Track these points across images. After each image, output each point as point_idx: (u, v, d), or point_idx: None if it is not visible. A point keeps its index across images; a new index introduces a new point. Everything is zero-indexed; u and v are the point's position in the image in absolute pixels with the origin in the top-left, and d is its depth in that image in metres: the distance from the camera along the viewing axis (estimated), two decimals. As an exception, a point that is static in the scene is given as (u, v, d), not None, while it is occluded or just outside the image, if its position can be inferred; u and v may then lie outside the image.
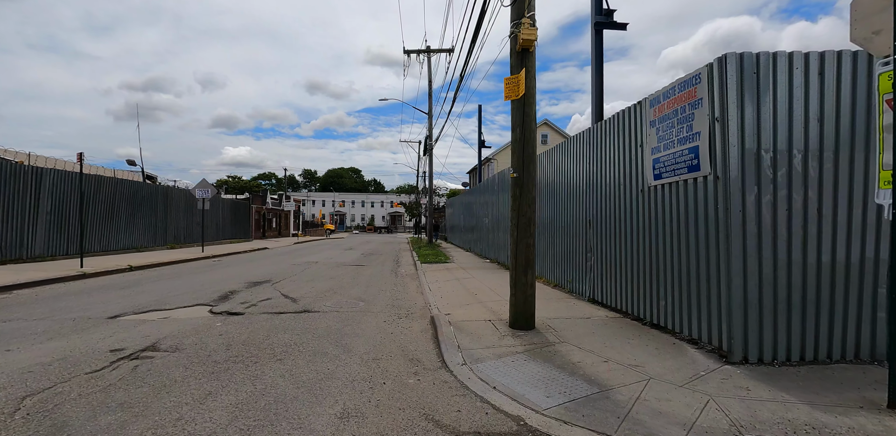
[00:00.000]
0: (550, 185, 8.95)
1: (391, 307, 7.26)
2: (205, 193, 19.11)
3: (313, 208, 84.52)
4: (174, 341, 5.00)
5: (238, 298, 7.93)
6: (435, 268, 12.83)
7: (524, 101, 5.23)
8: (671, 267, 4.97)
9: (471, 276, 10.71)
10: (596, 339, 4.87)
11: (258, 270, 12.76)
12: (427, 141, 24.64)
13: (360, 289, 9.22)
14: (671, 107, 4.90)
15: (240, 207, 30.12)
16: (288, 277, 11.15)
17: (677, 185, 4.84)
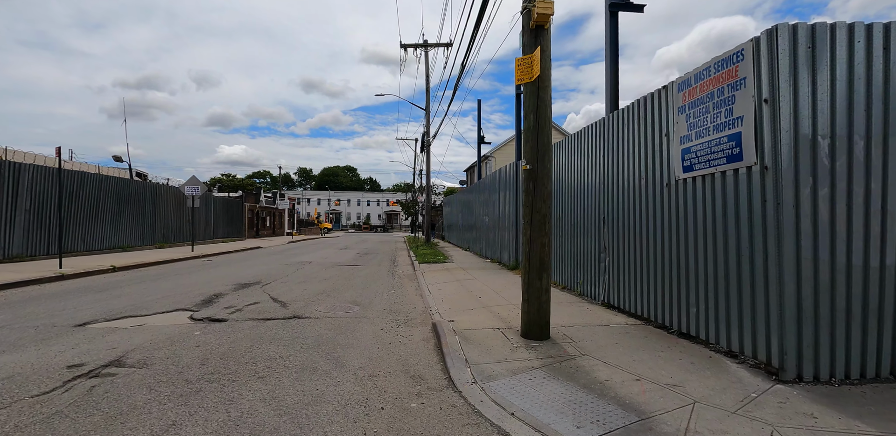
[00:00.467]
0: (557, 181, 8.40)
1: (389, 312, 6.69)
2: (194, 191, 18.45)
3: (308, 207, 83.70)
4: (143, 355, 4.42)
5: (223, 302, 7.33)
6: (434, 268, 12.27)
7: (538, 84, 4.67)
8: (704, 270, 4.43)
9: (472, 277, 10.16)
10: (621, 351, 4.33)
11: (248, 270, 12.16)
12: (424, 137, 24.05)
13: (356, 291, 8.64)
14: (705, 90, 4.35)
15: (232, 205, 29.43)
16: (279, 278, 10.56)
17: (713, 177, 4.29)
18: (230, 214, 29.08)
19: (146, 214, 19.34)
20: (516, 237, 11.47)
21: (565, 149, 8.01)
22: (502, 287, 8.45)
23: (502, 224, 12.83)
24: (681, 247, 4.79)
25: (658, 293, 5.21)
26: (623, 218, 6.05)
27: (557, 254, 8.49)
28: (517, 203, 11.41)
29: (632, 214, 5.82)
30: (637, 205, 5.68)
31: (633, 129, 5.73)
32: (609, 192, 6.44)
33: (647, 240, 5.46)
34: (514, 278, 9.66)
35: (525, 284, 4.82)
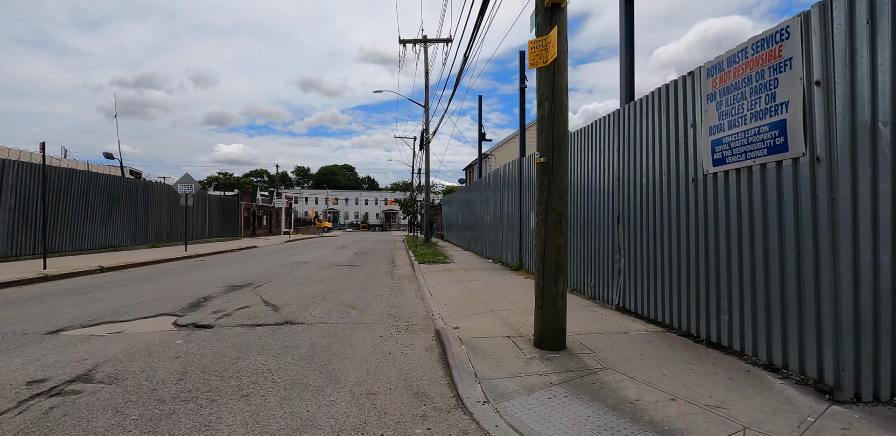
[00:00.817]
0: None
1: (388, 317, 6.26)
2: (187, 189, 17.97)
3: (306, 206, 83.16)
4: (115, 368, 3.97)
5: (211, 305, 6.88)
6: (434, 269, 11.83)
7: (554, 68, 4.23)
8: (738, 274, 4.00)
9: (474, 278, 9.72)
10: (647, 364, 3.90)
11: (242, 271, 11.70)
12: (423, 135, 23.59)
13: (353, 294, 8.20)
14: (741, 73, 3.92)
15: (228, 204, 28.93)
16: (273, 279, 10.10)
17: (750, 171, 3.86)
18: (226, 213, 28.59)
19: (138, 213, 18.84)
20: (520, 237, 11.05)
21: (574, 143, 7.58)
22: (507, 289, 8.01)
23: (505, 223, 12.40)
24: (710, 248, 4.37)
25: (682, 298, 4.78)
26: (640, 217, 5.62)
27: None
28: (521, 202, 10.99)
29: (650, 213, 5.39)
30: (657, 202, 5.26)
31: (653, 120, 5.30)
32: (624, 189, 6.01)
33: (668, 240, 5.04)
34: (518, 280, 9.23)
35: (539, 289, 4.38)
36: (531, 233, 10.23)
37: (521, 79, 11.15)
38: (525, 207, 10.66)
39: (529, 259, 10.35)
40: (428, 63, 22.84)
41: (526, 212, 10.57)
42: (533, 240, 10.10)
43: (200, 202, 24.68)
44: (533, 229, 10.09)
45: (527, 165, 10.64)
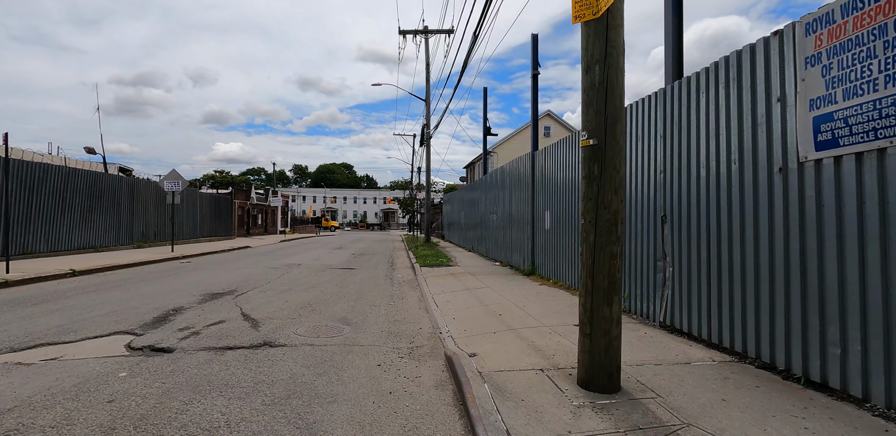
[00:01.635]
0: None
1: (388, 336, 5.24)
2: (174, 186, 16.92)
3: (304, 204, 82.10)
4: (21, 419, 2.94)
5: (180, 320, 5.86)
6: (437, 273, 10.82)
7: (607, 21, 3.21)
8: (860, 294, 2.99)
9: (484, 284, 8.71)
10: (739, 416, 2.88)
11: (227, 275, 10.67)
12: (424, 130, 22.56)
13: (347, 304, 7.18)
14: (862, 26, 2.91)
15: (221, 202, 27.87)
16: (259, 285, 9.08)
17: (882, 154, 2.85)
18: (218, 212, 27.53)
19: (122, 212, 17.79)
20: (532, 238, 10.03)
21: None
22: (523, 299, 7.00)
23: (514, 223, 11.39)
24: (808, 258, 3.35)
25: (761, 320, 3.77)
26: (694, 216, 4.61)
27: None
28: (533, 200, 9.98)
29: (710, 211, 4.38)
30: (720, 198, 4.25)
31: (715, 97, 4.28)
32: (671, 183, 5.00)
33: (737, 245, 4.03)
34: (533, 287, 8.22)
35: (586, 312, 3.36)
36: (545, 234, 9.22)
37: (533, 64, 10.13)
38: (538, 205, 9.65)
39: (543, 263, 9.34)
40: (429, 55, 21.80)
41: (539, 211, 9.56)
42: (546, 242, 9.10)
43: (191, 200, 23.63)
44: (547, 230, 9.09)
45: (540, 161, 9.63)
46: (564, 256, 8.14)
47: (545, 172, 9.25)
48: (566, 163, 8.04)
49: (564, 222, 8.12)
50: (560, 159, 8.30)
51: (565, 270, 8.08)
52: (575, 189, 7.60)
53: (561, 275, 8.33)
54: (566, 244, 8.05)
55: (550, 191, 8.93)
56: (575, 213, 7.65)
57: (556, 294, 7.41)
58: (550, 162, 8.92)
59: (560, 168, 8.33)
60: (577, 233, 7.54)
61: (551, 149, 8.82)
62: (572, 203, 7.75)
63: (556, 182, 8.57)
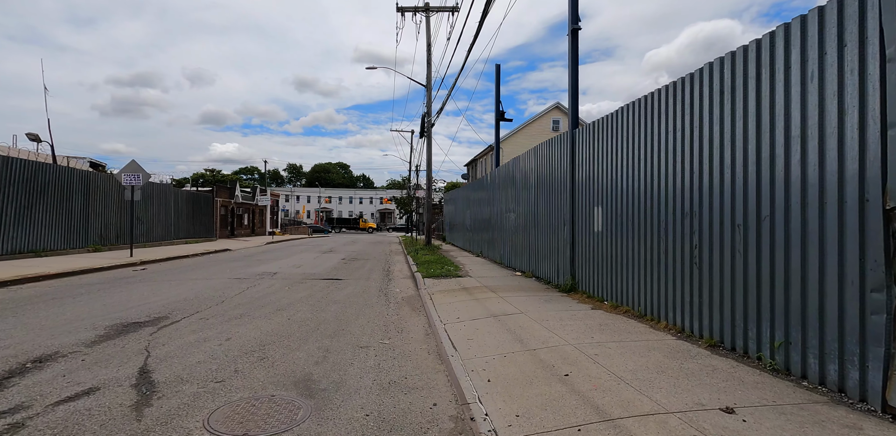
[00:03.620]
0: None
1: (376, 431, 2.83)
2: (133, 180, 14.46)
3: (297, 204, 79.51)
4: None
5: (21, 389, 3.43)
6: (445, 286, 8.41)
7: None
8: None
9: (515, 308, 6.30)
10: None
11: (175, 290, 8.23)
12: (424, 120, 20.16)
13: (319, 344, 4.77)
14: None
15: (201, 200, 25.36)
16: (207, 307, 6.66)
17: None
18: (198, 211, 25.03)
19: (74, 210, 15.30)
20: (571, 243, 7.64)
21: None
22: (587, 339, 4.61)
23: (542, 224, 9.00)
24: None
25: None
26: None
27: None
28: (572, 191, 7.60)
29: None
30: None
31: None
32: None
33: None
34: (587, 314, 5.83)
35: None
36: (594, 238, 6.84)
37: (572, 18, 7.76)
38: (582, 200, 7.26)
39: (589, 276, 6.95)
40: (430, 34, 19.42)
41: (584, 208, 7.18)
42: (597, 248, 6.72)
43: (163, 198, 21.14)
44: (598, 232, 6.70)
45: (584, 141, 7.25)
46: (633, 269, 5.75)
47: (594, 155, 6.87)
48: (644, 133, 5.67)
49: (635, 221, 5.73)
50: (628, 132, 5.92)
51: (636, 290, 5.69)
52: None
53: (625, 295, 5.93)
54: (638, 252, 5.66)
55: (604, 179, 6.54)
56: (656, 207, 5.27)
57: (631, 329, 5.02)
58: (604, 140, 6.53)
59: (629, 144, 5.95)
60: (661, 235, 5.16)
61: (609, 120, 6.43)
62: (650, 193, 5.38)
63: (616, 166, 6.19)
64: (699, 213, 4.53)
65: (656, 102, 5.29)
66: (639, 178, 5.61)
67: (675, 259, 4.89)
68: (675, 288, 4.91)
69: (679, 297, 4.82)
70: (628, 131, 5.87)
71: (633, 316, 5.59)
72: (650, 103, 5.41)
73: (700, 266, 4.52)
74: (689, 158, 4.68)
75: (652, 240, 5.34)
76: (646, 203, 5.47)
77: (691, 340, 4.50)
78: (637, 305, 5.63)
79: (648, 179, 5.39)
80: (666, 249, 5.07)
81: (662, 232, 5.13)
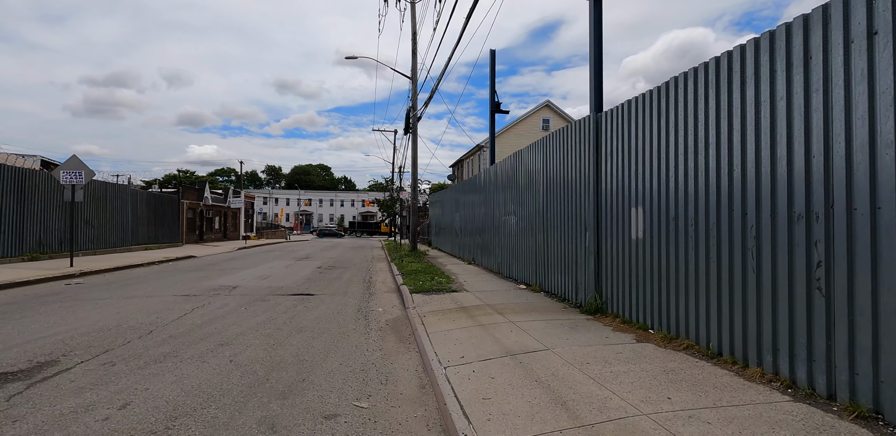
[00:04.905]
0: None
1: None
2: (74, 178, 12.56)
3: (276, 207, 76.96)
4: None
5: None
6: (439, 305, 6.85)
7: None
8: None
9: (535, 339, 4.79)
10: None
11: (97, 314, 6.51)
12: (409, 114, 18.61)
13: (264, 411, 3.18)
14: None
15: (164, 202, 23.28)
16: (125, 342, 4.98)
17: None
18: (161, 214, 22.96)
19: (4, 212, 13.28)
20: (596, 252, 6.19)
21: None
22: (661, 401, 3.12)
23: (553, 229, 7.53)
24: None
25: None
26: None
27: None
28: (597, 186, 6.16)
29: None
30: None
31: None
32: None
33: None
34: (634, 348, 4.35)
35: None
36: (630, 246, 5.39)
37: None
38: (611, 198, 5.81)
39: (623, 295, 5.49)
40: (415, 23, 17.91)
41: (616, 207, 5.73)
42: (635, 259, 5.27)
43: (119, 199, 19.10)
44: (638, 240, 5.25)
45: (614, 126, 5.82)
46: (697, 290, 4.29)
47: (630, 143, 5.43)
48: (726, 104, 4.24)
49: (699, 225, 4.28)
50: (693, 106, 4.46)
51: (702, 318, 4.23)
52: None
53: (684, 324, 4.47)
54: (703, 267, 4.21)
55: (647, 172, 5.10)
56: (740, 206, 3.83)
57: (716, 381, 3.54)
58: (648, 122, 5.09)
59: (693, 122, 4.50)
60: (750, 246, 3.71)
61: (658, 95, 4.97)
62: (732, 187, 3.94)
63: (668, 154, 4.75)
64: (831, 215, 3.09)
65: (757, 56, 3.85)
66: (710, 167, 4.17)
67: (780, 281, 3.44)
68: (776, 321, 3.46)
69: (786, 334, 3.37)
70: (693, 106, 4.42)
71: (700, 355, 4.13)
72: (736, 61, 3.98)
73: (828, 294, 3.07)
74: (820, 132, 3.23)
75: (731, 252, 3.89)
76: (720, 201, 4.02)
77: (820, 403, 3.04)
78: (705, 340, 4.17)
79: (730, 167, 3.95)
80: (759, 265, 3.62)
81: (752, 241, 3.68)
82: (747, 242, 3.74)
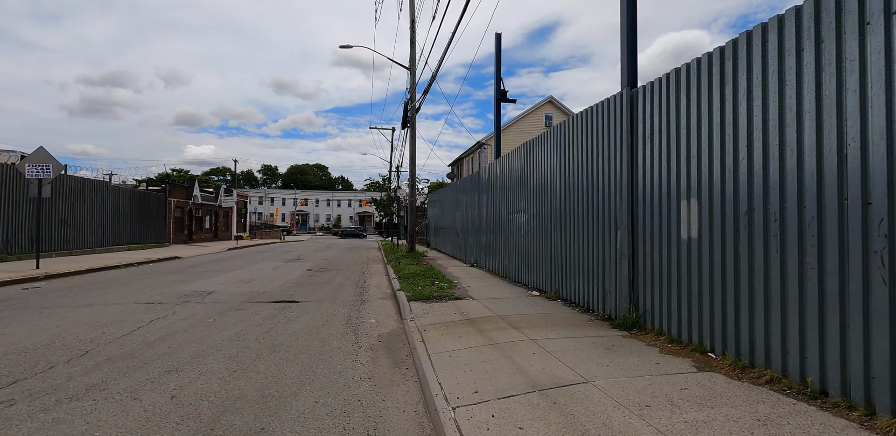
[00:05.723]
0: None
1: None
2: (41, 171, 11.49)
3: (272, 207, 75.77)
4: None
5: None
6: (442, 315, 5.82)
7: None
8: None
9: (567, 366, 3.76)
10: None
11: (31, 327, 5.46)
12: (407, 107, 17.57)
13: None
14: None
15: (150, 200, 22.18)
16: (47, 368, 3.94)
17: None
18: (146, 213, 21.86)
19: (-35, 209, 12.21)
20: (631, 255, 5.17)
21: None
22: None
23: (574, 226, 6.52)
24: None
25: None
26: None
27: None
28: (633, 184, 5.15)
29: None
30: None
31: None
32: None
33: None
34: (700, 381, 3.32)
35: None
36: (683, 246, 4.37)
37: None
38: (655, 190, 4.80)
39: (672, 307, 4.47)
40: (414, 9, 16.89)
41: (659, 201, 4.72)
42: (686, 262, 4.25)
43: (100, 197, 18.01)
44: (690, 240, 4.23)
45: (650, 102, 4.81)
46: (785, 306, 3.27)
47: (679, 122, 4.42)
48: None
49: (805, 221, 3.26)
50: (781, 66, 3.44)
51: (792, 342, 3.21)
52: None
53: (764, 350, 3.44)
54: (804, 277, 3.19)
55: (703, 158, 4.08)
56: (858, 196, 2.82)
57: (831, 434, 2.52)
58: (706, 94, 4.08)
59: (785, 86, 3.48)
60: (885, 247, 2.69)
61: (719, 58, 3.95)
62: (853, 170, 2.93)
63: (741, 127, 3.73)
64: None
65: None
66: (804, 144, 3.15)
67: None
68: None
69: None
70: (777, 65, 3.40)
71: (794, 393, 3.11)
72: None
73: None
74: None
75: (844, 255, 2.87)
76: (822, 188, 3.01)
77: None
78: (797, 371, 3.15)
79: (840, 142, 2.93)
80: (894, 274, 2.60)
81: (882, 241, 2.66)
82: (870, 242, 2.73)
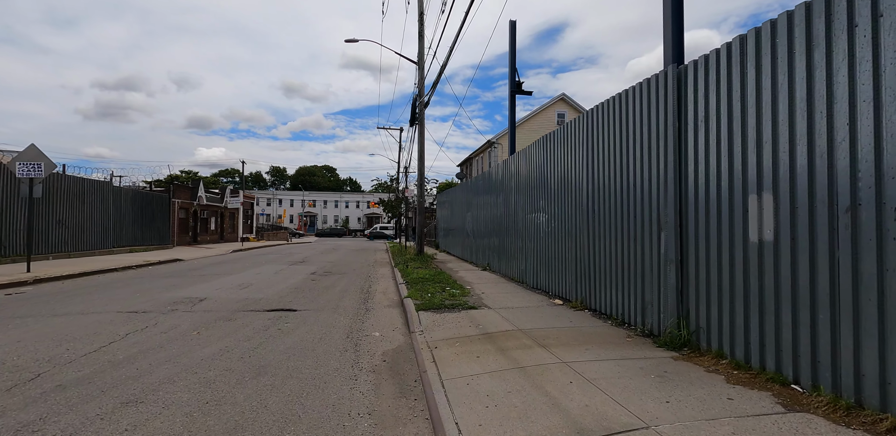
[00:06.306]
0: None
1: None
2: (32, 170, 10.94)
3: (280, 208, 75.54)
4: None
5: None
6: (455, 329, 5.07)
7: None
8: None
9: (619, 404, 3.00)
10: None
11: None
12: (415, 102, 16.87)
13: None
14: None
15: (153, 201, 21.71)
16: (-24, 399, 3.24)
17: None
18: (149, 214, 21.39)
19: (-46, 210, 11.71)
20: (678, 261, 4.39)
21: None
22: None
23: (605, 226, 5.75)
24: None
25: None
26: None
27: None
28: (679, 176, 4.38)
29: None
30: None
31: None
32: None
33: None
34: (798, 431, 2.55)
35: None
36: (752, 251, 3.59)
37: None
38: (710, 183, 4.03)
39: (736, 325, 3.69)
40: (423, 2, 16.20)
41: (715, 196, 3.94)
42: (756, 271, 3.47)
43: (100, 197, 17.52)
44: (763, 243, 3.45)
45: (704, 80, 4.05)
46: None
47: (747, 96, 3.64)
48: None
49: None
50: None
51: None
52: None
53: (870, 385, 2.66)
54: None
55: (781, 143, 3.30)
56: None
57: None
58: (782, 66, 3.30)
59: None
60: None
61: (803, 16, 3.17)
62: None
63: (839, 104, 2.96)
64: None
65: None
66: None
67: None
68: None
69: None
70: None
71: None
72: None
73: None
74: None
75: None
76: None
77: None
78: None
79: None
80: None
81: None
82: None
